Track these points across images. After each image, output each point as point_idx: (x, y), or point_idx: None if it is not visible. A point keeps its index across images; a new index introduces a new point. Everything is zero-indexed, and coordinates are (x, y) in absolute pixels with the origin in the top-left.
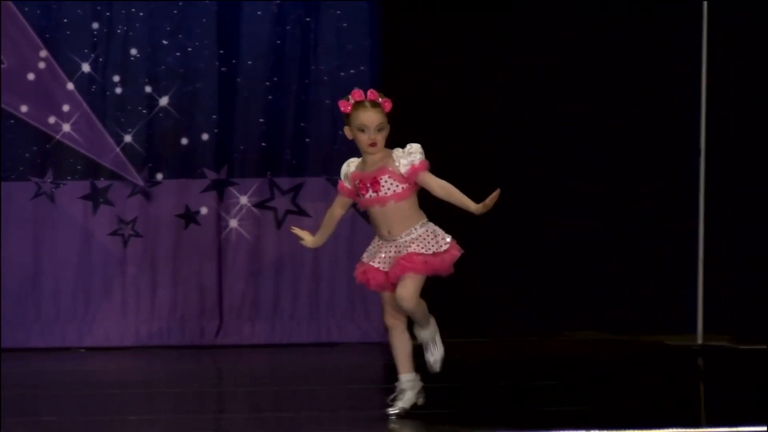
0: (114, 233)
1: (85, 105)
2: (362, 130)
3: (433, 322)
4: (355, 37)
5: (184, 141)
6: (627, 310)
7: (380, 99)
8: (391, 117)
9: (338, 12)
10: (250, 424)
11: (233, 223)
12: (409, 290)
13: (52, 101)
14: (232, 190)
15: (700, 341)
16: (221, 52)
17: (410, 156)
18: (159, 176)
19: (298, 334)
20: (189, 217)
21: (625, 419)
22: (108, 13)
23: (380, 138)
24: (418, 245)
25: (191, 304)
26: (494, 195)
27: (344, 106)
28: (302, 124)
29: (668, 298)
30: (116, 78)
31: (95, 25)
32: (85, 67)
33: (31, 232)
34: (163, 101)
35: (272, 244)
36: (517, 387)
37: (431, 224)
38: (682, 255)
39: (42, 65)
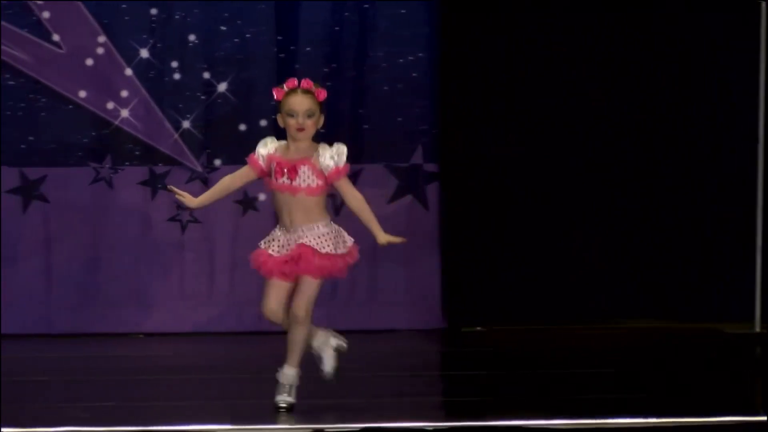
0: (172, 219)
1: (143, 91)
2: (291, 116)
3: (322, 330)
4: (413, 24)
5: (242, 127)
6: (684, 297)
7: (314, 88)
8: (324, 107)
9: None
10: (311, 410)
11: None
12: (304, 302)
13: (110, 87)
14: None
15: (758, 329)
16: (279, 38)
17: (338, 157)
18: (217, 162)
19: (355, 321)
20: (247, 203)
21: (682, 407)
22: None
23: (309, 124)
24: (317, 242)
25: (248, 290)
26: (398, 240)
27: (277, 93)
28: (360, 111)
29: (726, 285)
30: (174, 64)
31: (153, 11)
32: (144, 53)
33: (90, 217)
34: (222, 87)
35: None
36: (575, 375)
37: (335, 226)
38: (740, 241)
39: (100, 51)
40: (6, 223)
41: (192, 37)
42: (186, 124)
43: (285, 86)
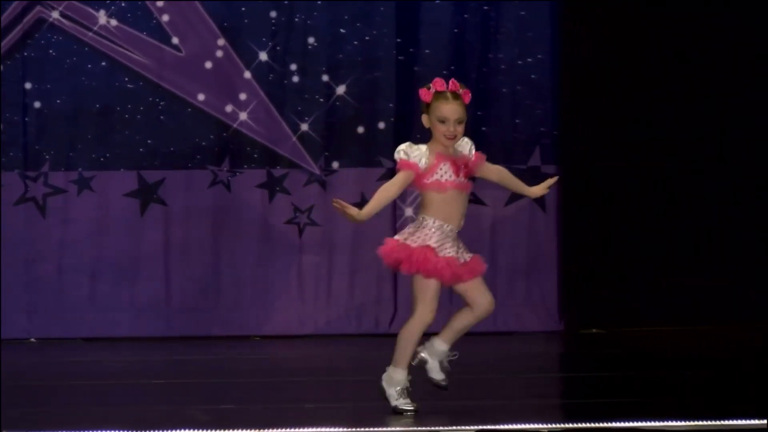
0: (290, 222)
1: (262, 94)
2: (442, 122)
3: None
4: (534, 26)
5: (361, 130)
6: None
7: (461, 90)
8: (469, 108)
9: (517, 0)
10: (433, 412)
11: (408, 211)
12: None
13: (229, 90)
14: None
15: None
16: (399, 40)
17: (472, 149)
18: (335, 165)
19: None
20: (365, 205)
21: None
22: (287, 2)
23: (460, 130)
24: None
25: (367, 293)
26: (552, 181)
27: (425, 95)
28: (479, 113)
29: None
30: (294, 66)
31: (273, 14)
32: (263, 56)
33: (210, 220)
34: (340, 90)
35: None
36: (691, 376)
37: None
38: None
39: (220, 54)
40: (124, 227)
41: (312, 40)
42: (305, 127)
43: (433, 87)
